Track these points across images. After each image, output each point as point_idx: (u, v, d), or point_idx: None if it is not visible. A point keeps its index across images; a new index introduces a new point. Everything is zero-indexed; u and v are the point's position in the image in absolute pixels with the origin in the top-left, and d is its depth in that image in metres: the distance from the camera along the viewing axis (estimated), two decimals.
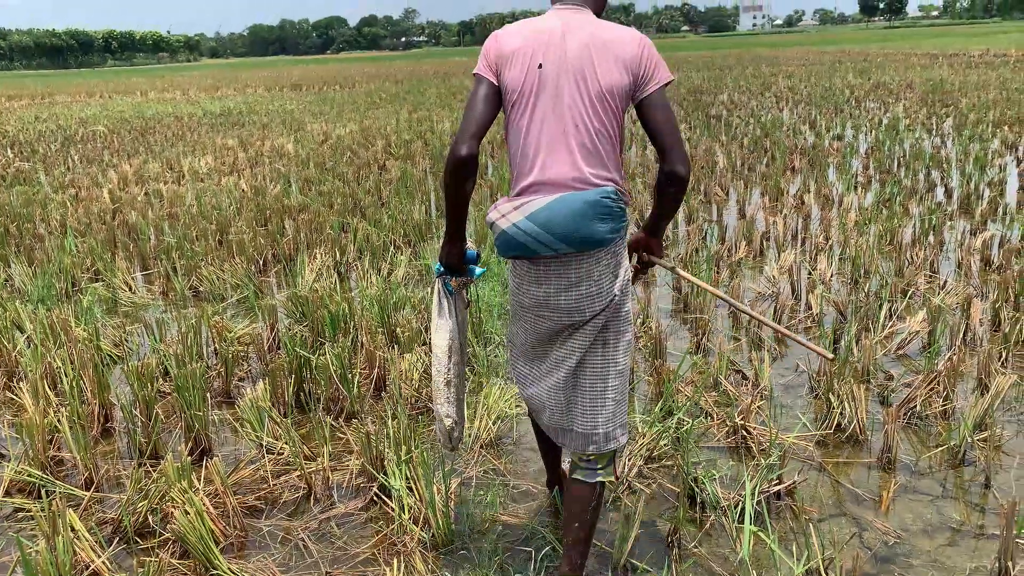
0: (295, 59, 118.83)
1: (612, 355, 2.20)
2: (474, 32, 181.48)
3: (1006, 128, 10.95)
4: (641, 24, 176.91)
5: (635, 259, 2.37)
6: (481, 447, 3.24)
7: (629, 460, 3.00)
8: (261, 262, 6.04)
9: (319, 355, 3.77)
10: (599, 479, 2.24)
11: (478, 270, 2.37)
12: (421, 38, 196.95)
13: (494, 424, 3.32)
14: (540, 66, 2.07)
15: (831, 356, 2.47)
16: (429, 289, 5.01)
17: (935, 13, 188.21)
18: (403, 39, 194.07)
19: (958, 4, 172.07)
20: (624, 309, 2.21)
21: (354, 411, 3.57)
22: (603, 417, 2.20)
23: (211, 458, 3.08)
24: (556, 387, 2.23)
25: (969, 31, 72.74)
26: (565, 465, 2.82)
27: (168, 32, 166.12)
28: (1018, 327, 4.05)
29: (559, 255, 2.08)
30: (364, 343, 3.98)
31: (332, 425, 3.44)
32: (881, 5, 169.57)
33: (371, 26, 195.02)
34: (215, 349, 4.30)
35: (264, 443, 3.28)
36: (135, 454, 3.30)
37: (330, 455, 3.16)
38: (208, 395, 3.67)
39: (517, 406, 3.53)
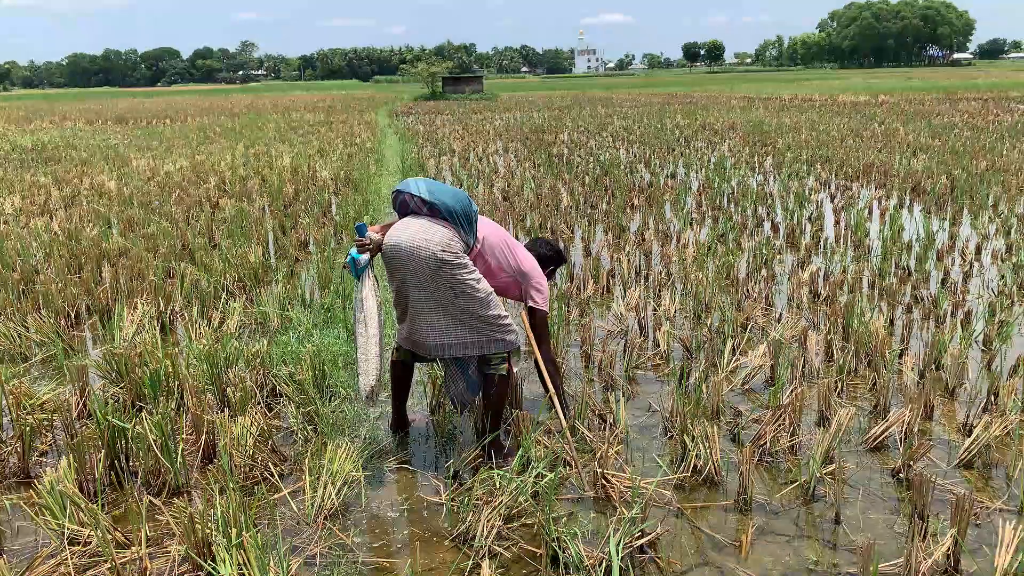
0: (121, 91, 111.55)
1: (469, 304, 3.22)
2: (315, 66, 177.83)
3: (818, 166, 11.89)
4: (483, 64, 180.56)
5: None
6: (325, 519, 2.93)
7: (488, 521, 2.81)
8: (73, 315, 5.40)
9: (135, 423, 3.34)
10: (491, 372, 3.37)
11: (362, 258, 3.20)
12: (260, 72, 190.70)
13: (338, 493, 3.02)
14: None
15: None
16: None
17: (748, 60, 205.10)
18: (240, 72, 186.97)
19: (768, 53, 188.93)
20: (466, 281, 3.19)
21: (178, 486, 3.16)
22: (474, 336, 3.31)
23: None
24: (438, 324, 3.30)
25: (778, 77, 79.84)
26: (411, 414, 3.79)
27: None
28: (849, 356, 4.25)
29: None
30: (190, 406, 3.57)
31: (151, 503, 3.03)
32: (702, 52, 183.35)
33: (206, 59, 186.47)
34: (12, 419, 3.73)
35: (66, 532, 2.82)
36: None
37: (148, 540, 2.76)
38: None
39: (364, 467, 3.26)
